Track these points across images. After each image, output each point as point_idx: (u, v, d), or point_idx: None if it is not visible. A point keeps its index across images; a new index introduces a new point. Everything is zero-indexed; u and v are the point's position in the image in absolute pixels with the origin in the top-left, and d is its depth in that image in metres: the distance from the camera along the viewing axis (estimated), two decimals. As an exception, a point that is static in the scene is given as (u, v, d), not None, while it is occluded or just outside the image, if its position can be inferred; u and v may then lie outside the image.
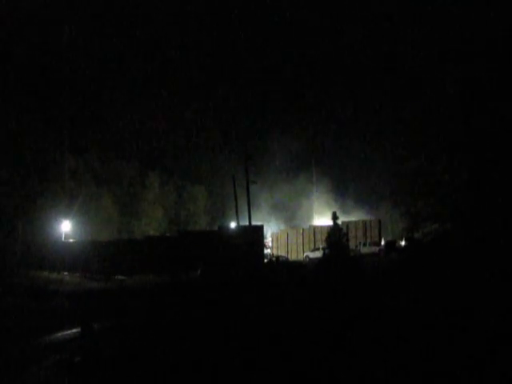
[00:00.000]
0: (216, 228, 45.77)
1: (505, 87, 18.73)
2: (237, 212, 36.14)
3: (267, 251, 47.89)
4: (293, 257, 48.71)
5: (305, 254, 46.33)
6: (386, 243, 42.41)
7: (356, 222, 49.89)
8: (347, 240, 16.36)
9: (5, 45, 40.92)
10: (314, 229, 51.71)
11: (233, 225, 42.98)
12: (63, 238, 40.23)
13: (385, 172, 52.42)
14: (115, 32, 65.03)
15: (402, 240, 40.48)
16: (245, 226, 35.60)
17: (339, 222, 15.85)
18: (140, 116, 62.89)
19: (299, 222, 64.81)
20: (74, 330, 10.44)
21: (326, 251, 16.43)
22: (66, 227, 41.14)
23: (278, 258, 41.54)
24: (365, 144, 65.39)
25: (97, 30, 67.76)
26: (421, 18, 24.86)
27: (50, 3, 50.08)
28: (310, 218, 65.42)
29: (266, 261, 39.09)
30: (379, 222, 50.01)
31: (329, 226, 19.23)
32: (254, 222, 37.67)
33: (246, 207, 35.07)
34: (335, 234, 15.25)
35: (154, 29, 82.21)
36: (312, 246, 47.99)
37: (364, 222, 49.86)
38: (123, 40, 77.88)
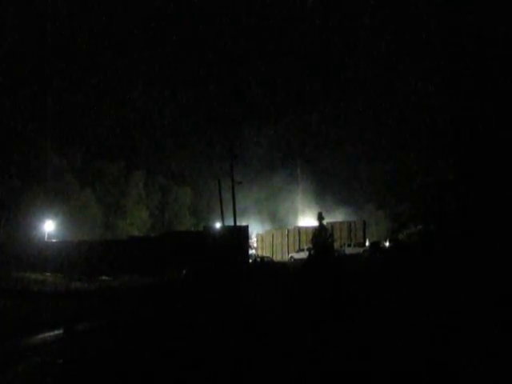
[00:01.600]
0: (201, 228, 45.65)
1: (491, 86, 18.90)
2: (222, 212, 36.05)
3: (252, 252, 47.92)
4: (278, 257, 48.77)
5: (289, 255, 46.44)
6: (371, 244, 42.70)
7: (341, 223, 50.15)
8: (333, 241, 16.40)
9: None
10: (299, 230, 51.85)
11: (218, 225, 42.91)
12: (46, 238, 39.81)
13: (369, 173, 52.84)
14: (100, 28, 64.57)
15: (386, 241, 40.77)
16: (230, 227, 35.54)
17: (324, 222, 15.86)
18: (124, 115, 62.62)
19: (284, 222, 64.91)
20: (57, 332, 10.32)
21: (312, 252, 16.45)
22: (49, 227, 40.74)
23: (262, 258, 41.63)
24: (349, 145, 65.69)
25: (82, 26, 67.26)
26: (405, 17, 25.02)
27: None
28: (294, 218, 65.58)
29: (250, 261, 39.10)
30: (364, 223, 50.40)
31: (314, 227, 19.24)
32: (239, 223, 37.64)
33: (231, 208, 35.02)
34: (321, 235, 15.25)
35: (141, 25, 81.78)
36: (297, 247, 48.11)
37: (349, 223, 50.18)
38: (108, 36, 77.42)
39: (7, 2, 46.64)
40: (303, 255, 39.21)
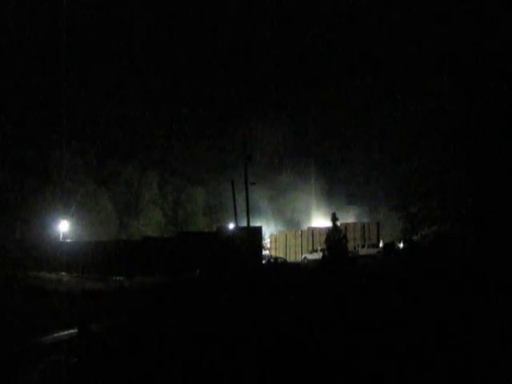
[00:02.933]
0: (214, 229, 45.73)
1: (506, 87, 18.69)
2: (235, 213, 36.06)
3: (266, 252, 47.90)
4: (291, 258, 48.66)
5: (303, 256, 46.30)
6: (385, 245, 42.33)
7: (354, 224, 49.91)
8: (346, 241, 16.30)
9: (3, 46, 40.95)
10: (313, 230, 51.68)
11: (231, 226, 42.92)
12: (61, 238, 40.16)
13: (383, 173, 52.50)
14: (111, 32, 64.99)
15: (400, 242, 40.44)
16: (243, 227, 35.53)
17: (338, 223, 15.77)
18: (139, 116, 62.99)
19: (297, 223, 64.75)
20: (71, 331, 10.38)
21: (325, 252, 16.37)
22: (64, 227, 41.08)
23: (276, 259, 41.60)
24: (362, 145, 65.34)
25: (94, 29, 67.82)
26: (414, 17, 24.87)
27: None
28: (308, 219, 65.36)
29: (264, 262, 39.07)
30: (378, 224, 50.02)
31: (327, 228, 19.14)
32: (253, 224, 37.62)
33: (244, 208, 34.99)
34: (334, 236, 15.18)
35: (151, 28, 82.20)
36: (310, 248, 47.98)
37: (362, 224, 49.88)
38: (119, 39, 77.98)
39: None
40: (317, 256, 39.09)
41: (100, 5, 72.21)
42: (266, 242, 53.21)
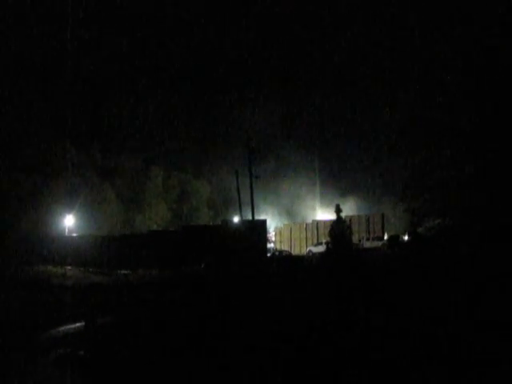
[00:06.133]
0: (219, 222, 45.78)
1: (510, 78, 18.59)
2: (240, 206, 36.06)
3: (270, 246, 47.91)
4: (296, 251, 48.66)
5: (308, 249, 46.28)
6: (389, 238, 42.18)
7: (359, 217, 49.74)
8: (350, 233, 16.26)
9: (7, 38, 40.98)
10: (317, 223, 51.60)
11: (236, 219, 42.96)
12: (66, 233, 40.32)
13: (388, 166, 52.27)
14: (116, 28, 64.94)
15: (405, 235, 40.35)
16: (248, 221, 35.57)
17: (342, 215, 15.74)
18: (143, 109, 62.95)
19: (302, 216, 64.65)
20: (78, 324, 10.47)
21: (330, 245, 16.36)
22: (69, 222, 41.25)
23: (281, 252, 41.65)
24: (368, 139, 65.10)
25: (99, 25, 67.78)
26: (420, 10, 24.69)
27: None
28: (313, 212, 65.27)
29: (269, 255, 39.11)
30: (382, 216, 49.81)
31: (332, 220, 19.15)
32: (257, 217, 37.65)
33: (249, 201, 35.00)
34: (338, 227, 15.16)
35: (154, 25, 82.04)
36: (315, 241, 47.92)
37: (367, 217, 49.69)
38: (124, 34, 77.89)
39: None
40: (321, 249, 39.03)
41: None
42: (271, 235, 53.20)
